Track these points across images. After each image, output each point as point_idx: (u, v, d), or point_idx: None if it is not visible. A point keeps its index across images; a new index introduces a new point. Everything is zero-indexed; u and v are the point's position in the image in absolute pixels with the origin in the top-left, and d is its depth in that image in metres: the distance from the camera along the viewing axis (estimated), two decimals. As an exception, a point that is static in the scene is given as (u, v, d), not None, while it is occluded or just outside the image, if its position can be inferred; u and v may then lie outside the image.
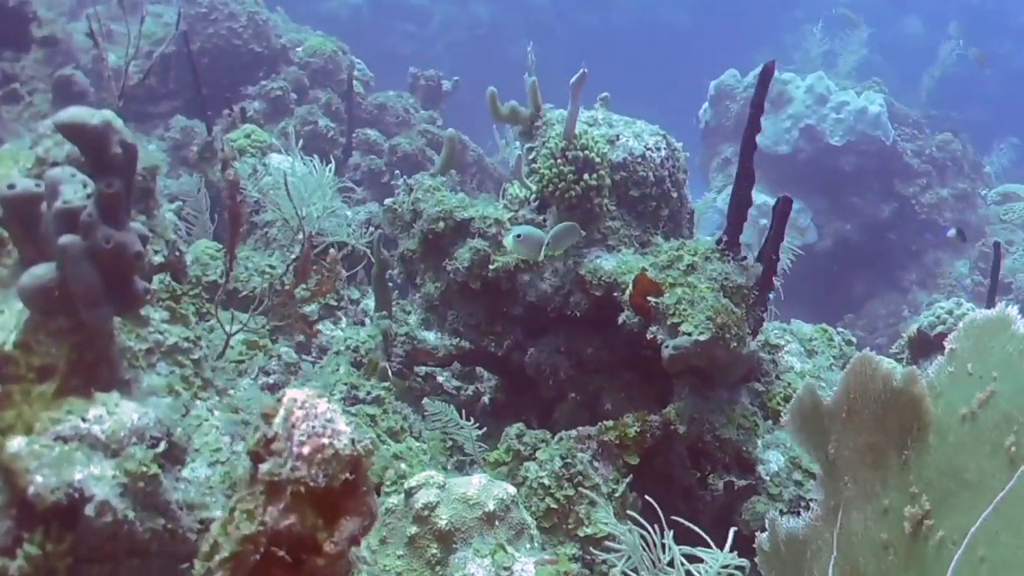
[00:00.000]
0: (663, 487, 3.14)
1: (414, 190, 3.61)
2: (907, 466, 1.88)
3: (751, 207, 3.04)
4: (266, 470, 1.55)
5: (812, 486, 2.04)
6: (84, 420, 2.04)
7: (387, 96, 8.34)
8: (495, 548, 2.34)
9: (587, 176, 3.27)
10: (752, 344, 2.96)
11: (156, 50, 6.60)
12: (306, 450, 1.55)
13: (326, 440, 1.58)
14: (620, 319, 3.14)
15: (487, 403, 3.91)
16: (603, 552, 2.54)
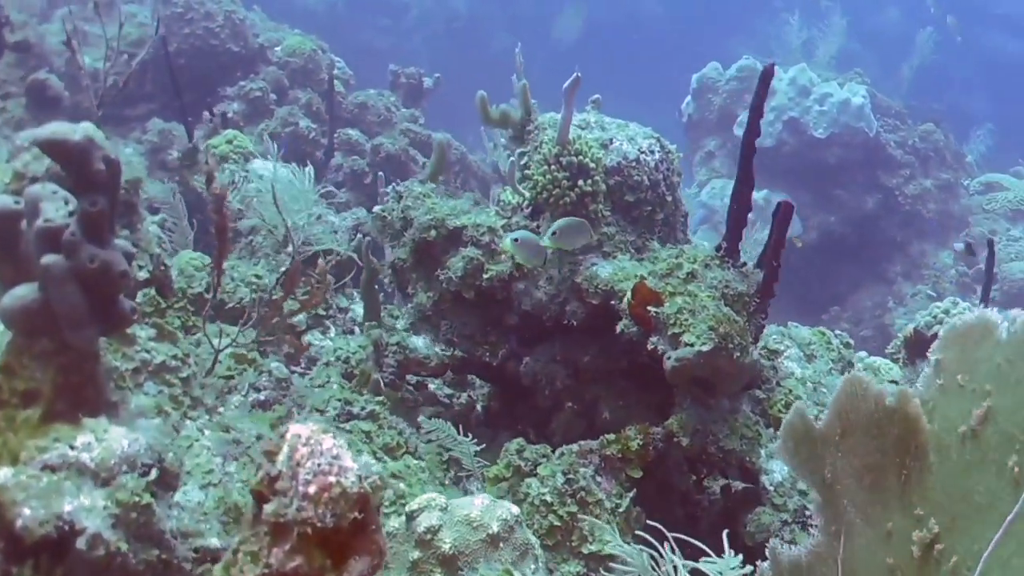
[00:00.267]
0: (661, 493, 3.10)
1: (404, 197, 3.54)
2: (908, 487, 1.84)
3: (751, 212, 2.99)
4: (271, 510, 1.49)
5: (812, 511, 2.00)
6: (72, 448, 1.98)
7: (368, 95, 8.23)
8: (502, 574, 2.28)
9: (582, 182, 3.21)
10: (755, 353, 2.92)
11: (133, 52, 6.46)
12: (312, 489, 1.50)
13: (333, 478, 1.52)
14: (618, 328, 3.08)
15: (480, 412, 3.85)
16: (609, 571, 2.49)
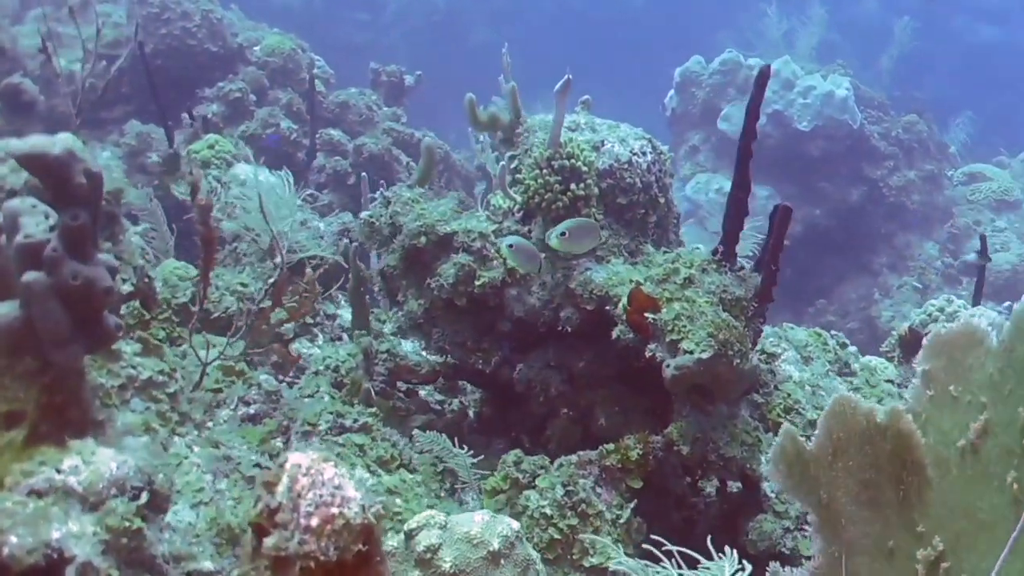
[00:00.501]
0: (657, 498, 3.06)
1: (392, 203, 3.46)
2: (907, 503, 1.81)
3: (748, 216, 2.95)
4: (271, 544, 1.44)
5: (810, 532, 1.96)
6: (59, 471, 1.93)
7: (349, 94, 8.13)
8: (505, 593, 2.23)
9: (574, 186, 3.15)
10: (754, 359, 2.88)
11: (108, 54, 6.36)
12: (314, 522, 1.44)
13: (335, 510, 1.47)
14: (614, 334, 3.03)
15: (473, 418, 3.79)
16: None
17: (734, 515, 3.01)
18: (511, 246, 3.00)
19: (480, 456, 2.99)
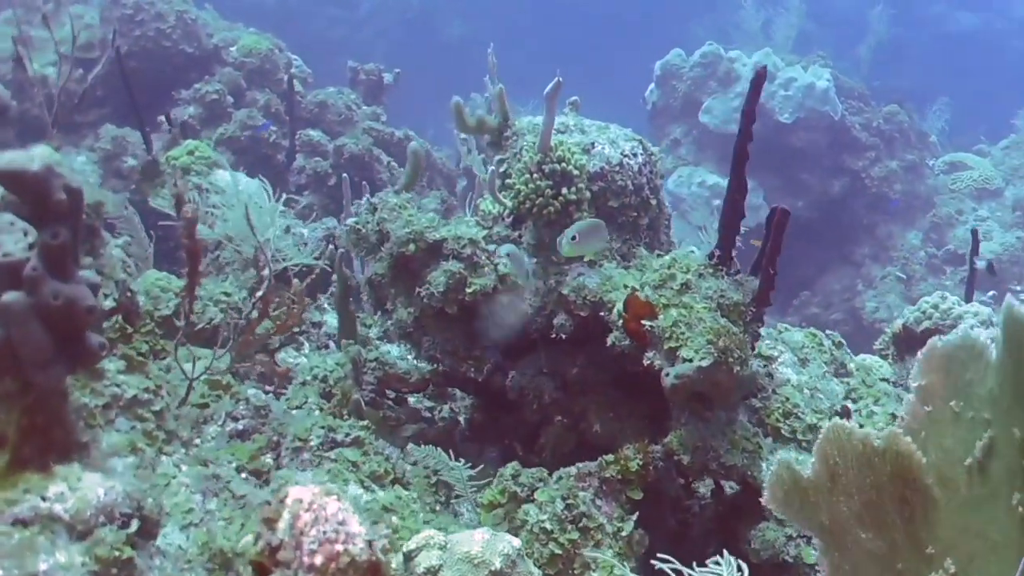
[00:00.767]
0: (652, 503, 3.01)
1: (378, 209, 3.39)
2: (913, 524, 1.76)
3: (744, 218, 2.90)
4: (272, 585, 1.38)
5: (817, 558, 1.92)
6: (44, 499, 1.88)
7: (328, 93, 8.04)
8: (508, 615, 2.18)
9: (565, 190, 3.10)
10: (754, 364, 2.84)
11: (82, 57, 6.23)
12: (319, 560, 1.39)
13: (340, 546, 1.42)
14: (609, 340, 2.99)
15: (464, 425, 3.73)
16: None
17: (735, 522, 2.97)
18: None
19: (473, 465, 2.94)
